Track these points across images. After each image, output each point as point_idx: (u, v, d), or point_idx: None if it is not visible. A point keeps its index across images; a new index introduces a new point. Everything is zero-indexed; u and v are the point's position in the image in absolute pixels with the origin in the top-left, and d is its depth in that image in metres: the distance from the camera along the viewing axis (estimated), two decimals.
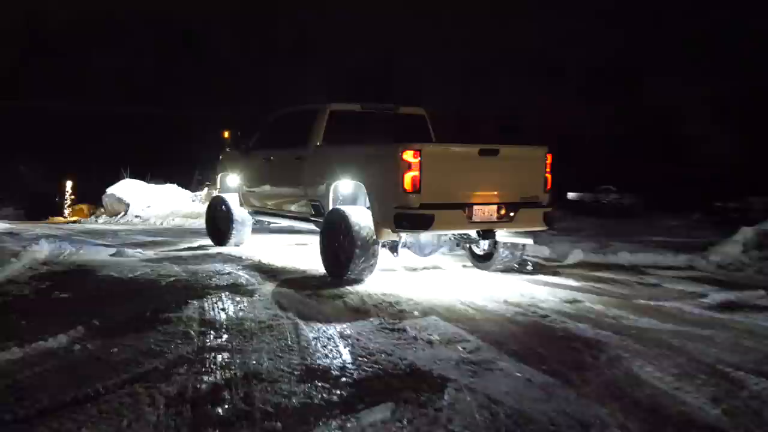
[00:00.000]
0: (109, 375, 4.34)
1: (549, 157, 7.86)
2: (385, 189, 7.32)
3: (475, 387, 4.20)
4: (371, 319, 5.93)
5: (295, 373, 4.45)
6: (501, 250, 8.40)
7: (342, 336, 5.36)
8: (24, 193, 24.51)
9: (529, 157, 7.95)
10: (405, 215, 7.09)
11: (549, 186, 7.90)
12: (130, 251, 10.05)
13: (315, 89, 24.73)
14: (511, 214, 7.55)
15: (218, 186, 11.12)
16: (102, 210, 19.85)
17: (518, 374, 4.49)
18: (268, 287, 7.36)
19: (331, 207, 8.14)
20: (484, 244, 8.50)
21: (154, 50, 26.26)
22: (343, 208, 7.87)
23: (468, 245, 8.71)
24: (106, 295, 7.04)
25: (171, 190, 19.82)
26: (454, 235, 8.31)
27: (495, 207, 7.46)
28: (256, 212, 10.16)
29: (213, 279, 7.83)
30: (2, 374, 4.35)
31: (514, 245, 8.35)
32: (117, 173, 20.52)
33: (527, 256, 8.93)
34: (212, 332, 5.47)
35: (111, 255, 9.71)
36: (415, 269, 8.72)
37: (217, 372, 4.45)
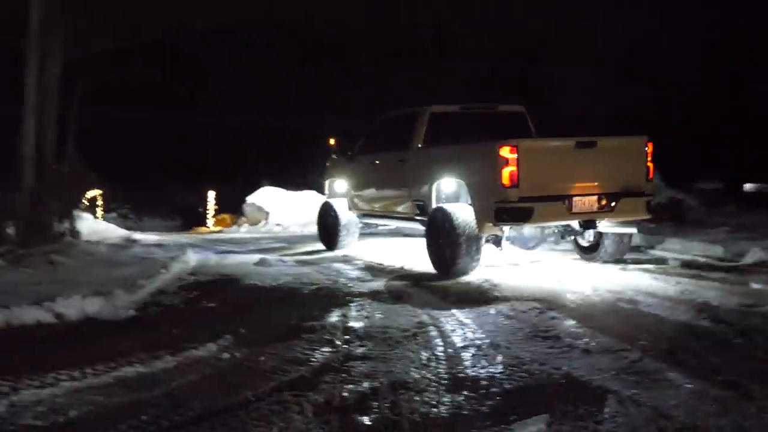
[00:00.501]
0: (257, 383, 4.61)
1: (650, 146, 8.26)
2: (485, 185, 7.94)
3: (639, 399, 4.08)
4: (520, 326, 5.90)
5: (443, 382, 4.52)
6: (606, 240, 8.78)
7: (492, 344, 5.38)
8: (172, 205, 26.30)
9: (628, 148, 8.43)
10: (505, 209, 7.69)
11: (651, 175, 8.32)
12: (272, 259, 10.58)
13: (452, 95, 24.96)
14: (612, 204, 8.03)
15: (327, 192, 11.86)
16: (244, 219, 20.92)
17: (688, 385, 4.31)
18: (407, 292, 7.55)
19: (434, 205, 8.71)
20: (589, 235, 8.88)
21: (287, 59, 27.38)
22: (445, 206, 8.45)
23: (573, 237, 9.09)
24: (250, 303, 7.46)
25: (310, 196, 20.54)
26: (558, 227, 8.77)
27: (595, 197, 7.96)
28: (364, 215, 10.93)
29: (354, 286, 8.10)
30: (158, 382, 4.72)
31: (620, 235, 8.74)
32: (257, 181, 21.53)
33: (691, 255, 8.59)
34: (356, 340, 5.66)
35: (254, 264, 10.26)
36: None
37: (364, 380, 4.61)
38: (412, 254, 10.01)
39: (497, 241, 8.41)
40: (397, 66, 27.92)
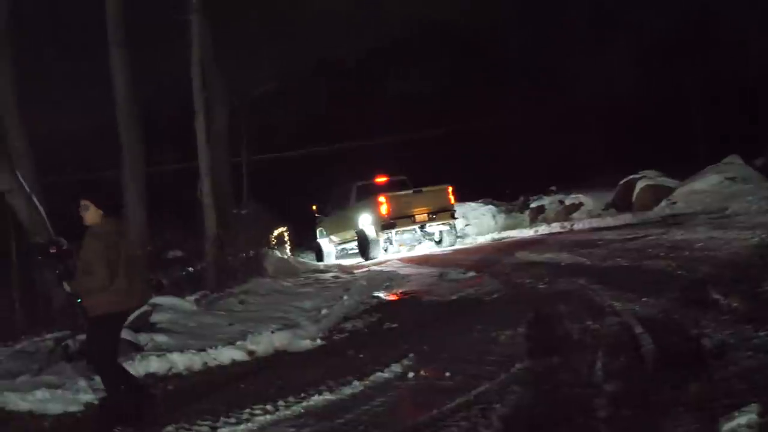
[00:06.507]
0: (443, 400, 4.57)
1: (450, 188, 16.51)
2: (376, 215, 16.07)
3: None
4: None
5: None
6: (445, 236, 17.05)
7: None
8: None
9: (440, 190, 16.51)
10: (384, 224, 16.01)
11: (452, 201, 16.53)
12: (452, 273, 10.58)
13: (622, 68, 24.09)
14: (434, 216, 16.19)
15: (318, 236, 20.03)
16: None
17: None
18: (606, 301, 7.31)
19: (359, 228, 16.75)
20: (437, 235, 17.27)
21: (439, 64, 27.54)
22: (363, 227, 16.56)
23: (430, 239, 17.36)
24: (431, 320, 7.52)
25: (487, 208, 20.65)
26: (422, 234, 17.07)
27: (426, 214, 16.10)
28: (337, 245, 19.42)
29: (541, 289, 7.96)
30: (347, 408, 4.83)
31: (450, 233, 17.05)
32: None
33: None
34: (542, 348, 5.51)
35: (434, 278, 10.33)
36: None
37: (554, 389, 4.47)
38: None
39: (390, 242, 16.79)
40: (556, 51, 27.38)
